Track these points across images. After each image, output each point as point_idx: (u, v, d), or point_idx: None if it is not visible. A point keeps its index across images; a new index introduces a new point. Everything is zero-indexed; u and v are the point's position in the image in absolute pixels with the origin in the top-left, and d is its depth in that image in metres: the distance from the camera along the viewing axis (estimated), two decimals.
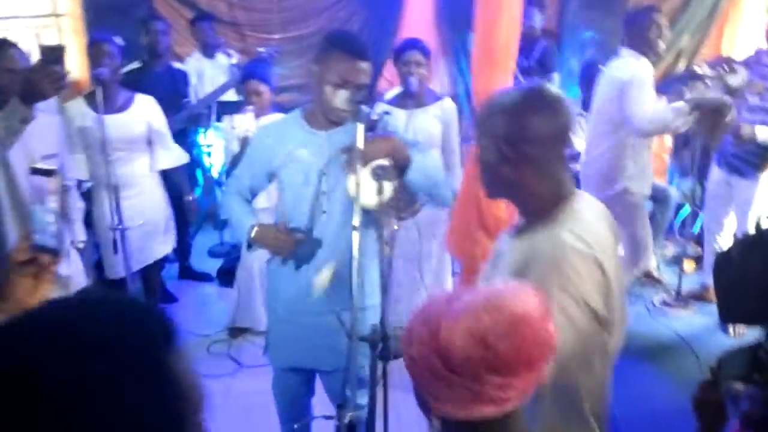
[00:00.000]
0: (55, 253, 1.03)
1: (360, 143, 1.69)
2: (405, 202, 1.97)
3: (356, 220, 1.69)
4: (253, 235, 1.94)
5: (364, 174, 1.72)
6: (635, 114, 3.07)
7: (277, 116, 3.03)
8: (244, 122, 2.97)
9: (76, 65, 4.67)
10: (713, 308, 3.53)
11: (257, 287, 3.31)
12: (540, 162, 1.26)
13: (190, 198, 3.40)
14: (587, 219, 1.26)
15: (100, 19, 4.44)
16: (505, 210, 2.77)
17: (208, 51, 4.43)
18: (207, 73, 4.35)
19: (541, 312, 0.92)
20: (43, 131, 2.54)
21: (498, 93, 1.35)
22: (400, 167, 1.80)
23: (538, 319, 0.91)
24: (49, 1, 4.74)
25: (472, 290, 0.96)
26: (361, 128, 1.71)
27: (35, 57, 2.30)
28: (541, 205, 1.27)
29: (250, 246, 1.98)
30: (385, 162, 1.76)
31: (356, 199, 1.68)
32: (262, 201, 2.95)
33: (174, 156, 3.20)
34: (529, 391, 0.93)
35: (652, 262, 3.92)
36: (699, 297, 3.76)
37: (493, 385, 0.88)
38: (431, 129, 3.10)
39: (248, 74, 3.13)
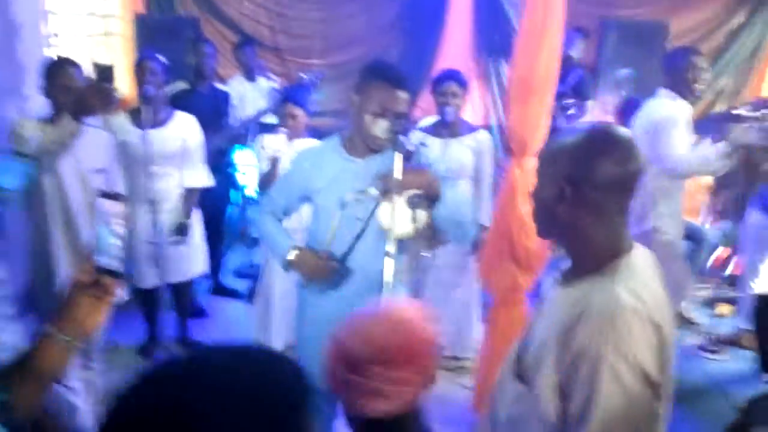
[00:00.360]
0: (118, 276, 1.04)
1: (397, 173, 1.72)
2: (432, 233, 1.98)
3: (390, 247, 1.72)
4: (292, 257, 1.98)
5: (400, 202, 1.75)
6: (669, 154, 3.01)
7: (310, 141, 3.10)
8: (275, 143, 3.05)
9: (125, 83, 4.85)
10: (747, 354, 3.46)
11: (275, 308, 3.31)
12: (600, 208, 1.20)
13: (188, 221, 3.21)
14: (644, 277, 1.20)
15: (149, 39, 4.62)
16: (536, 242, 2.76)
17: (250, 74, 4.56)
18: (248, 96, 4.47)
19: (422, 316, 1.12)
20: (93, 146, 2.64)
21: (567, 131, 1.32)
22: (431, 200, 1.82)
23: (419, 320, 1.12)
24: (103, 21, 4.95)
25: (366, 308, 1.17)
26: (399, 158, 1.74)
27: (90, 74, 2.42)
28: (595, 255, 1.21)
29: (286, 268, 2.01)
30: (419, 191, 1.79)
31: (390, 227, 1.71)
32: (293, 222, 3.00)
33: (200, 177, 3.23)
34: (417, 389, 1.09)
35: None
36: (733, 342, 3.66)
37: (382, 380, 1.06)
38: (464, 159, 3.13)
39: (286, 97, 3.22)
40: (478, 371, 2.79)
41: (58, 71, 2.47)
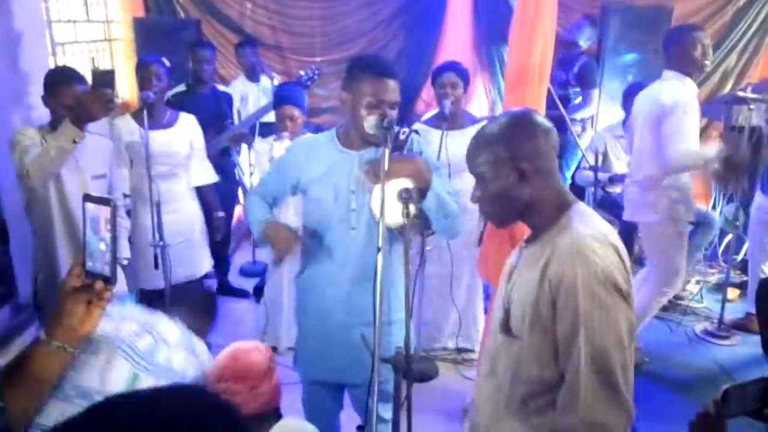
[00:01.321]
0: (108, 281, 1.02)
1: (385, 164, 1.72)
2: (423, 224, 1.99)
3: (380, 241, 1.72)
4: (263, 228, 2.04)
5: (390, 194, 1.75)
6: (675, 144, 2.93)
7: (309, 136, 3.10)
8: (282, 149, 2.99)
9: (127, 87, 4.90)
10: (756, 339, 3.42)
11: (284, 307, 3.34)
12: (549, 173, 1.38)
13: (220, 215, 3.46)
14: (594, 216, 1.39)
15: (150, 43, 4.65)
16: None
17: (252, 74, 4.58)
18: (251, 96, 4.50)
19: (260, 351, 1.66)
20: (94, 152, 2.67)
21: (487, 123, 1.46)
22: (421, 190, 1.83)
23: (255, 352, 1.64)
24: (103, 27, 5.00)
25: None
26: (387, 151, 1.75)
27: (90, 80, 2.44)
28: (549, 213, 1.38)
29: (259, 241, 2.08)
30: (410, 184, 1.79)
31: (380, 218, 1.71)
32: (292, 218, 3.01)
33: (208, 174, 3.31)
34: (250, 400, 1.55)
35: (688, 286, 3.81)
36: (743, 326, 3.63)
37: (222, 390, 1.51)
38: (463, 152, 3.11)
39: (282, 99, 3.19)
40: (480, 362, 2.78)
41: (57, 84, 2.49)
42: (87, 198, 1.00)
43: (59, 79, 2.50)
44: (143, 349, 1.12)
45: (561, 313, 1.27)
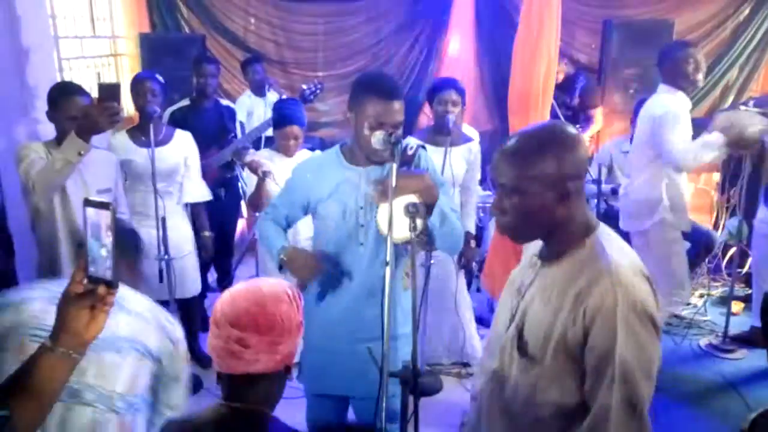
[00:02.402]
0: (111, 285, 1.02)
1: (393, 179, 1.74)
2: (428, 239, 2.00)
3: (388, 255, 1.73)
4: (283, 256, 2.02)
5: (397, 209, 1.76)
6: (670, 149, 3.08)
7: (307, 153, 3.12)
8: (283, 166, 2.99)
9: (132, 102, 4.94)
10: (762, 352, 3.41)
11: None
12: (582, 193, 1.35)
13: (207, 234, 3.38)
14: (622, 243, 1.36)
15: (155, 58, 4.69)
16: None
17: (259, 90, 4.61)
18: (257, 111, 4.51)
19: (287, 296, 1.30)
20: (99, 166, 2.69)
21: (521, 136, 1.36)
22: (427, 206, 1.84)
23: (280, 298, 1.29)
24: (109, 42, 5.05)
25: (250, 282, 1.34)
26: (394, 166, 1.76)
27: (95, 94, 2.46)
28: (576, 233, 1.34)
29: (280, 268, 2.06)
30: (416, 199, 1.81)
31: (388, 233, 1.72)
32: (306, 231, 3.00)
33: (201, 192, 3.29)
34: (265, 357, 1.25)
35: (692, 300, 3.83)
36: (747, 340, 3.62)
37: (234, 340, 1.23)
38: (457, 169, 3.14)
39: (285, 119, 3.14)
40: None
41: (61, 97, 2.52)
42: (87, 203, 1.00)
43: (62, 93, 2.54)
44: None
45: (594, 341, 1.24)
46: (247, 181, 3.32)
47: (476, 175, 3.25)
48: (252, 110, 4.54)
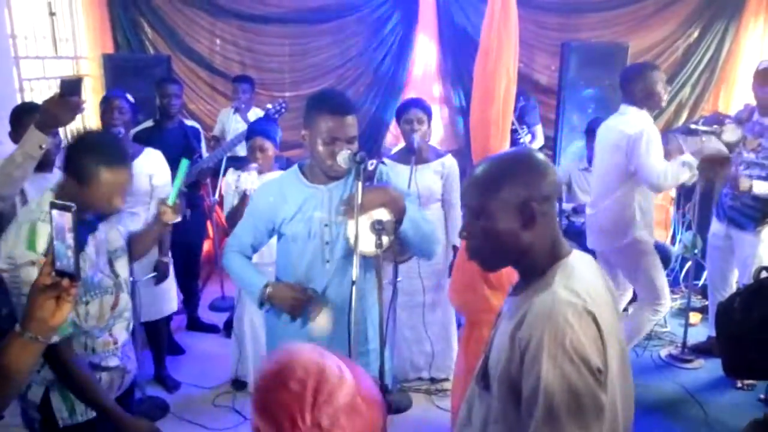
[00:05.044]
0: (74, 278, 1.14)
1: (358, 195, 1.77)
2: (399, 249, 2.03)
3: (354, 274, 1.75)
4: (267, 294, 2.00)
5: (363, 225, 1.79)
6: (651, 170, 3.09)
7: (278, 172, 3.12)
8: (249, 180, 3.00)
9: (96, 123, 4.87)
10: (719, 362, 3.53)
11: (249, 341, 3.31)
12: (550, 219, 1.31)
13: (164, 260, 3.23)
14: (583, 274, 1.30)
15: (119, 79, 4.66)
16: None
17: (243, 109, 4.55)
18: (235, 128, 4.42)
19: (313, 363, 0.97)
20: None
21: (491, 161, 1.36)
22: (396, 218, 1.88)
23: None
24: (72, 63, 5.00)
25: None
26: (360, 184, 1.80)
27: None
28: (540, 263, 1.30)
29: (261, 305, 2.04)
30: (385, 215, 1.84)
31: (354, 249, 1.75)
32: (267, 256, 3.00)
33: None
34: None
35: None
36: (705, 350, 3.74)
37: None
38: (432, 185, 3.20)
39: (253, 131, 3.19)
40: (453, 393, 2.81)
41: (26, 116, 2.50)
42: (53, 205, 1.14)
43: (21, 113, 2.56)
44: None
45: (526, 375, 1.20)
46: (225, 199, 3.30)
47: (456, 189, 3.26)
48: (230, 128, 4.48)
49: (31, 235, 1.78)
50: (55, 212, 1.13)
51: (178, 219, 2.12)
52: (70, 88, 2.23)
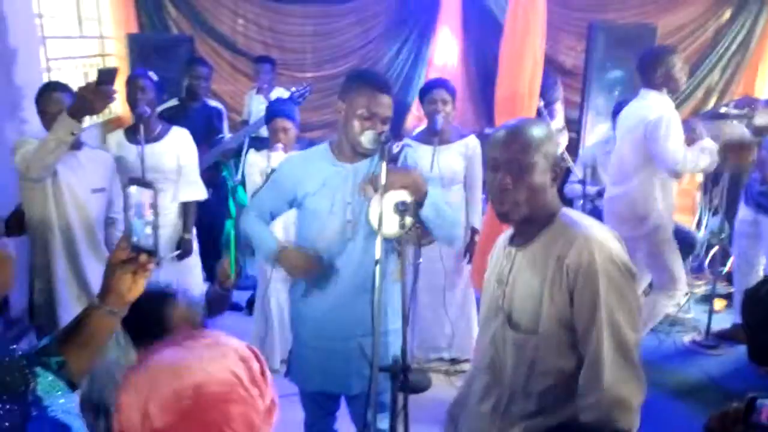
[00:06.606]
0: (151, 254, 1.16)
1: (383, 177, 1.77)
2: (422, 233, 2.03)
3: (378, 253, 1.76)
4: (275, 255, 2.04)
5: (387, 206, 1.79)
6: (669, 156, 3.04)
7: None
8: (276, 159, 3.02)
9: (120, 102, 4.92)
10: (743, 348, 3.48)
11: (273, 321, 3.34)
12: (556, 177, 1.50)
13: (186, 237, 3.27)
14: (585, 216, 1.51)
15: (143, 59, 4.69)
16: None
17: (266, 90, 4.58)
18: (261, 109, 4.46)
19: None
20: (94, 165, 2.71)
21: (524, 123, 1.52)
22: (418, 201, 1.87)
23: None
24: (97, 42, 5.04)
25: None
26: (384, 164, 1.79)
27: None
28: (547, 214, 1.48)
29: (272, 264, 2.09)
30: (407, 197, 1.84)
31: (378, 230, 1.75)
32: (280, 233, 3.01)
33: (195, 191, 3.27)
34: None
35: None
36: (729, 336, 3.69)
37: None
38: (455, 166, 3.18)
39: (275, 112, 3.19)
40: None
41: (42, 94, 2.55)
42: (132, 181, 1.14)
43: (43, 90, 2.59)
44: None
45: (580, 297, 1.37)
46: (248, 179, 3.31)
47: (478, 171, 3.24)
48: (255, 109, 4.51)
49: None
50: (133, 188, 1.12)
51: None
52: (107, 76, 2.27)
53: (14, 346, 1.11)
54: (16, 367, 1.08)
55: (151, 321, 1.60)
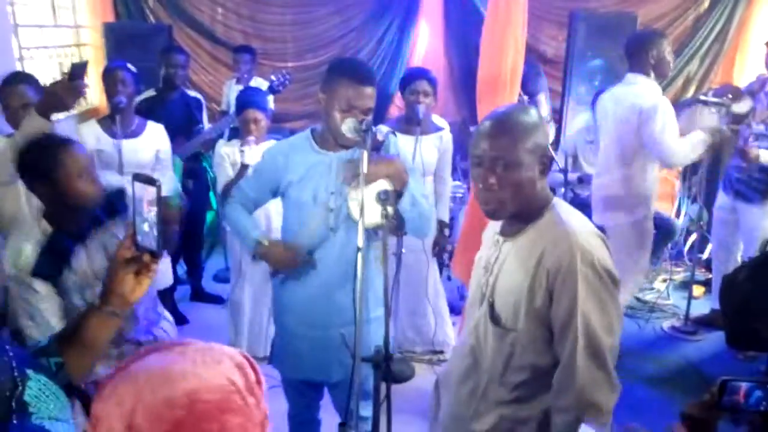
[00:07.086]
0: (155, 255, 1.12)
1: (364, 166, 1.75)
2: (399, 224, 2.02)
3: (360, 242, 1.74)
4: (260, 247, 2.03)
5: (368, 195, 1.78)
6: (665, 147, 2.99)
7: (272, 142, 3.10)
8: (252, 155, 2.94)
9: (96, 93, 4.84)
10: (722, 334, 3.53)
11: (246, 314, 3.34)
12: (546, 168, 1.45)
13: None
14: (575, 211, 1.48)
15: (120, 49, 4.59)
16: None
17: (244, 80, 4.51)
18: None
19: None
20: None
21: (508, 114, 1.44)
22: (398, 190, 1.86)
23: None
24: (72, 32, 4.93)
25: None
26: (365, 153, 1.77)
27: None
28: (537, 207, 1.44)
29: (254, 257, 2.08)
30: (388, 186, 1.82)
31: (360, 219, 1.74)
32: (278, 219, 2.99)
33: (171, 186, 3.22)
34: None
35: (655, 284, 3.94)
36: (708, 322, 3.75)
37: None
38: (429, 157, 3.17)
39: (245, 103, 3.11)
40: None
41: (6, 89, 2.48)
42: (136, 177, 1.09)
43: (6, 82, 2.51)
44: None
45: (558, 299, 1.35)
46: (217, 171, 3.28)
47: (449, 164, 3.26)
48: (230, 99, 4.46)
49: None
50: (137, 185, 1.08)
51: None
52: (79, 71, 2.22)
53: (7, 347, 1.03)
54: (3, 371, 0.98)
55: (44, 162, 1.64)
